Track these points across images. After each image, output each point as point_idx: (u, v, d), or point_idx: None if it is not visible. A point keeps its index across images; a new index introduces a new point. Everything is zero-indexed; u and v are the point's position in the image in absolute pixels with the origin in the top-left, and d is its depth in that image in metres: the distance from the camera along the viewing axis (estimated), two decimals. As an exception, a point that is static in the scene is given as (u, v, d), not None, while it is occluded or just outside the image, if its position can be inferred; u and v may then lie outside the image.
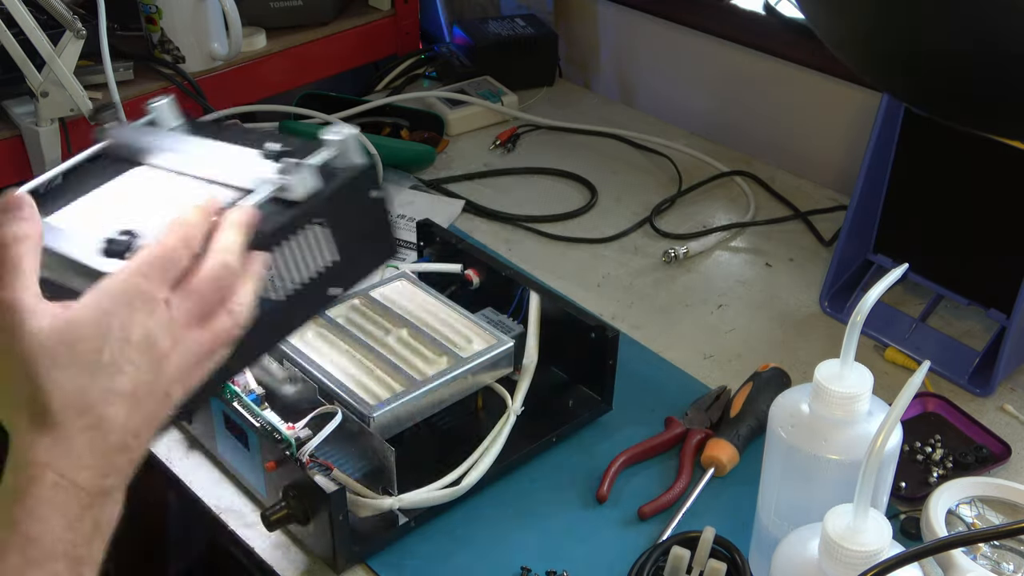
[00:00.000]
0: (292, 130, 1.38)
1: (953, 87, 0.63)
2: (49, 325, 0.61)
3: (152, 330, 0.64)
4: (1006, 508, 0.83)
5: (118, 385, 0.62)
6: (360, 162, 0.78)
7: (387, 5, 1.57)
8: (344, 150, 0.77)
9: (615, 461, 0.94)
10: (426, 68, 1.62)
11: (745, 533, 0.85)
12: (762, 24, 1.45)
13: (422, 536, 0.89)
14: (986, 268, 1.06)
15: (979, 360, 1.05)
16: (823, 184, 1.38)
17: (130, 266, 0.64)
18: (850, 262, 1.15)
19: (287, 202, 0.75)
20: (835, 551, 0.64)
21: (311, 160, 0.76)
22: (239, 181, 0.78)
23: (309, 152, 0.77)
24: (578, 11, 1.65)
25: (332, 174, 0.77)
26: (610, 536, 0.89)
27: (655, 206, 1.33)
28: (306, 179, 0.76)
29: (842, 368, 0.73)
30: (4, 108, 1.27)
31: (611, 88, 1.64)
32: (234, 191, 0.77)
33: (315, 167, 0.76)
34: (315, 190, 0.76)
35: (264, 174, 0.76)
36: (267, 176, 0.75)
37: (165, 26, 1.35)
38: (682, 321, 1.15)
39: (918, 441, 0.96)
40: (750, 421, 0.96)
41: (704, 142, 1.47)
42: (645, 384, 1.04)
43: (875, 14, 0.62)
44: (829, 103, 1.37)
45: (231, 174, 0.79)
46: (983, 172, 1.04)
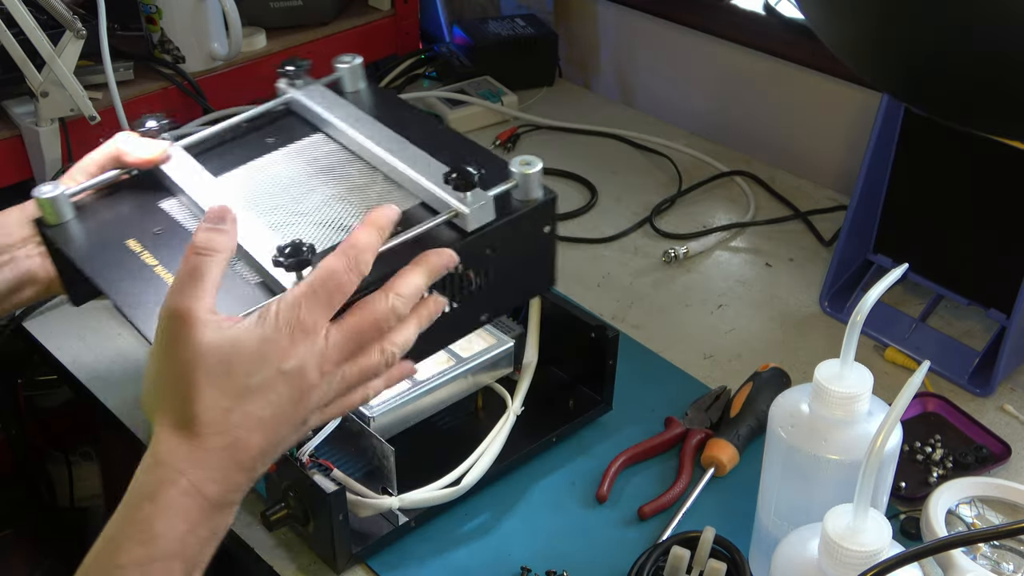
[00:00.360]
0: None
1: (953, 87, 0.63)
2: (214, 340, 0.64)
3: (305, 361, 0.66)
4: (1006, 508, 0.83)
5: (259, 411, 0.65)
6: (540, 197, 0.78)
7: (387, 5, 1.57)
8: (526, 184, 0.77)
9: (615, 461, 0.94)
10: (426, 68, 1.62)
11: (745, 533, 0.85)
12: (762, 24, 1.45)
13: (422, 536, 0.89)
14: (986, 268, 1.06)
15: (979, 360, 1.05)
16: (823, 184, 1.38)
17: (297, 292, 0.67)
18: (850, 262, 1.15)
19: (460, 229, 0.75)
20: (835, 551, 0.64)
21: (492, 192, 0.76)
22: (417, 191, 0.79)
23: (493, 175, 0.76)
24: (578, 11, 1.65)
25: (509, 207, 0.77)
26: (610, 536, 0.89)
27: (655, 206, 1.33)
28: (484, 211, 0.75)
29: (842, 368, 0.73)
30: (4, 108, 1.27)
31: (611, 88, 1.64)
32: (411, 199, 0.79)
33: (494, 199, 0.75)
34: (490, 222, 0.76)
35: (445, 197, 0.76)
36: (447, 200, 0.76)
37: (165, 26, 1.35)
38: (682, 321, 1.15)
39: (918, 441, 0.96)
40: (750, 421, 0.96)
41: (704, 142, 1.47)
42: (645, 384, 1.04)
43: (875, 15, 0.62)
44: (829, 103, 1.36)
45: (410, 181, 0.80)
46: (983, 172, 1.04)
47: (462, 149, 0.84)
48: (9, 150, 1.25)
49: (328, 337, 0.67)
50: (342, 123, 0.86)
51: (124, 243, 0.80)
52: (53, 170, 1.23)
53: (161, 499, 0.63)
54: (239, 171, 0.86)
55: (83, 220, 0.82)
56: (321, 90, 0.92)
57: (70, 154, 1.25)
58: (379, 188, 0.81)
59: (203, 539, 0.64)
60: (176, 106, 1.37)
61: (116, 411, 1.01)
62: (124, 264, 0.78)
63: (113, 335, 1.10)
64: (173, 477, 0.63)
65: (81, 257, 0.79)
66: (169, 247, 0.79)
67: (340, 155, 0.86)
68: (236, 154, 0.88)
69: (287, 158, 0.87)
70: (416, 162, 0.80)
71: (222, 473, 0.64)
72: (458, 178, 0.74)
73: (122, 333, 1.10)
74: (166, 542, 0.62)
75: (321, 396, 0.68)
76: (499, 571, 0.86)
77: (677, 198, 1.35)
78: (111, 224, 0.82)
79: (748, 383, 0.99)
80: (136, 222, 0.82)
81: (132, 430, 0.99)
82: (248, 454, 0.65)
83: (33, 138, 1.23)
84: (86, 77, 1.25)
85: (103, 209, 0.83)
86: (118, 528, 0.63)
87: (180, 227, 0.81)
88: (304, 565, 0.86)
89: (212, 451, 0.64)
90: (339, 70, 0.92)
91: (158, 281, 0.75)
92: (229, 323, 0.65)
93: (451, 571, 0.86)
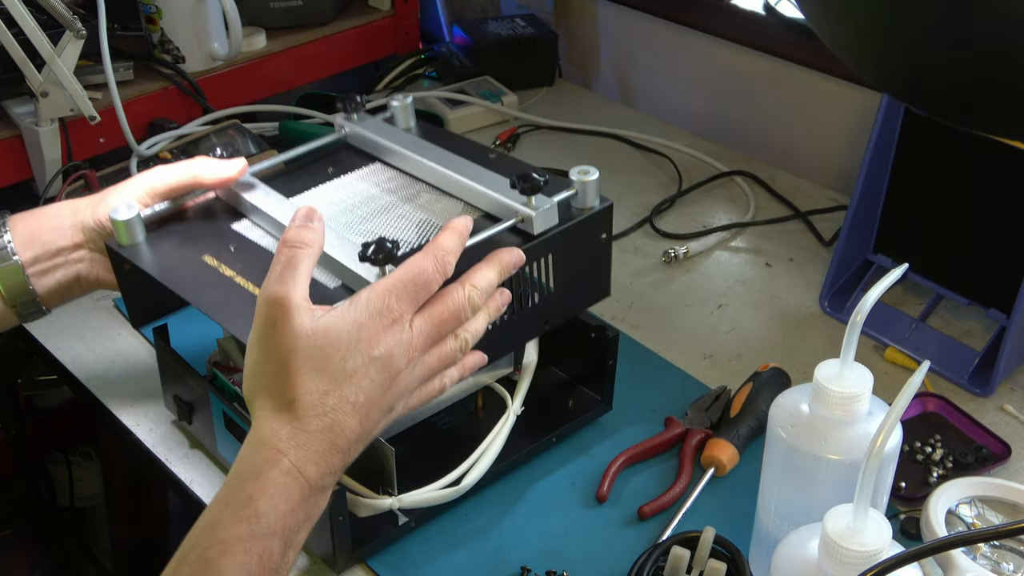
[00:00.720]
0: (292, 130, 1.38)
1: (953, 87, 0.63)
2: (310, 326, 0.68)
3: (393, 348, 0.70)
4: (1006, 508, 0.83)
5: (353, 396, 0.68)
6: (597, 205, 0.83)
7: (387, 5, 1.57)
8: (584, 191, 0.83)
9: (615, 461, 0.94)
10: (426, 68, 1.62)
11: (745, 533, 0.85)
12: (762, 24, 1.45)
13: (422, 536, 0.89)
14: (986, 268, 1.06)
15: (979, 360, 1.05)
16: (823, 184, 1.38)
17: (387, 283, 0.71)
18: (850, 262, 1.15)
19: (525, 233, 0.81)
20: (835, 551, 0.64)
21: (555, 198, 0.81)
22: (482, 202, 0.85)
23: (554, 185, 0.82)
24: (578, 11, 1.65)
25: (570, 213, 0.83)
26: (610, 536, 0.89)
27: (655, 206, 1.33)
28: (548, 215, 0.81)
29: (842, 368, 0.73)
30: (4, 108, 1.27)
31: (611, 88, 1.64)
32: (475, 212, 0.85)
33: (556, 205, 0.81)
34: (553, 227, 0.81)
35: (510, 203, 0.81)
36: (513, 206, 0.81)
37: (165, 26, 1.35)
38: (682, 321, 1.15)
39: (918, 441, 0.96)
40: (750, 421, 0.96)
41: (704, 142, 1.47)
42: (645, 384, 1.04)
43: (875, 14, 0.62)
44: (829, 103, 1.37)
45: (475, 194, 0.85)
46: (983, 172, 1.04)
47: (518, 167, 0.89)
48: (9, 150, 1.25)
49: (413, 326, 0.71)
50: (401, 148, 0.92)
51: (201, 259, 0.84)
52: (53, 170, 1.23)
53: (264, 478, 0.65)
54: (307, 194, 0.91)
55: (155, 240, 0.87)
56: (376, 123, 0.97)
57: (70, 154, 1.25)
58: (443, 203, 0.87)
59: (300, 521, 0.66)
60: (176, 106, 1.37)
61: (116, 411, 1.01)
62: (204, 277, 0.82)
63: (113, 335, 1.10)
64: (275, 458, 0.66)
65: (160, 272, 0.83)
66: (244, 261, 0.83)
67: (401, 179, 0.92)
68: (300, 182, 0.93)
69: (351, 183, 0.92)
70: (479, 176, 0.86)
71: (320, 455, 0.67)
72: (524, 183, 0.79)
73: (122, 333, 1.11)
74: (268, 520, 0.64)
75: (407, 383, 0.72)
76: (499, 571, 0.86)
77: (677, 198, 1.35)
78: (185, 243, 0.86)
79: (748, 383, 0.99)
80: (210, 241, 0.86)
81: (132, 430, 0.99)
82: (345, 437, 0.68)
83: (33, 138, 1.23)
84: (86, 77, 1.25)
85: (174, 231, 0.88)
86: (221, 506, 0.65)
87: (254, 245, 0.86)
88: (304, 565, 0.86)
89: (312, 433, 0.67)
90: (392, 108, 0.98)
91: (240, 289, 0.80)
92: (322, 311, 0.69)
93: (451, 571, 0.86)
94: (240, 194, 0.89)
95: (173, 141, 1.28)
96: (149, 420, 1.00)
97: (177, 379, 0.94)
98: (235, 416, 0.87)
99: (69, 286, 0.91)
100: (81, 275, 0.90)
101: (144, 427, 0.99)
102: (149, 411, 1.01)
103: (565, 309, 0.87)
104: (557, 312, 0.86)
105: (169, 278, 0.82)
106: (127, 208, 0.85)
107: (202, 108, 1.37)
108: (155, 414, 1.00)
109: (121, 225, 0.85)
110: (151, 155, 1.25)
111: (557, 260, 0.83)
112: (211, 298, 0.80)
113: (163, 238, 0.87)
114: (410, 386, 0.73)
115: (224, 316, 0.78)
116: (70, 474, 1.52)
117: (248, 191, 0.89)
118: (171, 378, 0.96)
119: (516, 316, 0.82)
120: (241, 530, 0.64)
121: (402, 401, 0.73)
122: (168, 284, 0.82)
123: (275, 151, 1.29)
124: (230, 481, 0.67)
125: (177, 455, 0.96)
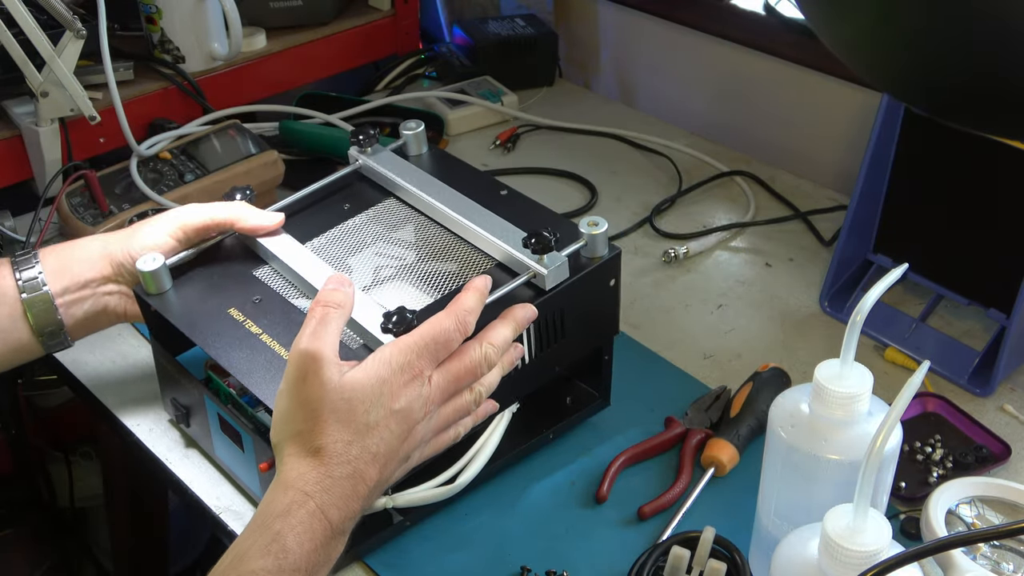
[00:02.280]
0: (292, 130, 1.38)
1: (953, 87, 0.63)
2: (338, 380, 0.73)
3: (412, 402, 0.75)
4: (1006, 508, 0.83)
5: (375, 447, 0.73)
6: (606, 254, 0.87)
7: (387, 5, 1.57)
8: (594, 242, 0.86)
9: (615, 461, 0.94)
10: (426, 68, 1.62)
11: (745, 533, 0.85)
12: (762, 24, 1.45)
13: (422, 535, 0.89)
14: (986, 268, 1.06)
15: (979, 360, 1.05)
16: (823, 184, 1.38)
17: (410, 340, 0.75)
18: (850, 262, 1.15)
19: (537, 288, 0.85)
20: (835, 551, 0.64)
21: (565, 252, 0.85)
22: (496, 252, 0.88)
23: (565, 237, 0.86)
24: (578, 11, 1.65)
25: (580, 263, 0.86)
26: (610, 536, 0.89)
27: (655, 206, 1.33)
28: (559, 272, 0.84)
29: (842, 368, 0.73)
30: (4, 108, 1.27)
31: (611, 88, 1.64)
32: (489, 260, 0.88)
33: (567, 259, 0.85)
34: (564, 280, 0.85)
35: (523, 259, 0.85)
36: (525, 262, 0.85)
37: (165, 26, 1.35)
38: (682, 321, 1.15)
39: (918, 441, 0.96)
40: (750, 421, 0.96)
41: (704, 142, 1.47)
42: (645, 384, 1.04)
43: (875, 14, 0.62)
44: (829, 103, 1.36)
45: (489, 244, 0.89)
46: (983, 172, 1.04)
47: (530, 211, 0.93)
48: (9, 150, 1.25)
49: (432, 381, 0.76)
50: (415, 188, 0.95)
51: (227, 312, 0.87)
52: (53, 170, 1.23)
53: (292, 517, 0.69)
54: (323, 238, 0.94)
55: (181, 288, 0.89)
56: (390, 156, 1.00)
57: (70, 154, 1.25)
58: (460, 250, 0.91)
59: (321, 561, 0.70)
60: (176, 106, 1.37)
61: (116, 411, 1.01)
62: (230, 332, 0.85)
63: (113, 335, 1.10)
64: (302, 499, 0.70)
65: (187, 326, 0.86)
66: (268, 317, 0.86)
67: (416, 220, 0.95)
68: (316, 220, 0.96)
69: (366, 224, 0.95)
70: (493, 226, 0.89)
71: (343, 500, 0.71)
72: (536, 243, 0.82)
73: (122, 333, 1.10)
74: (295, 557, 0.68)
75: (423, 434, 0.77)
76: (499, 571, 0.86)
77: (677, 198, 1.35)
78: (210, 293, 0.89)
79: (748, 383, 0.99)
80: (234, 291, 0.89)
81: (132, 430, 0.99)
82: (365, 484, 0.73)
83: (33, 138, 1.23)
84: (86, 77, 1.25)
85: (199, 277, 0.91)
86: (250, 541, 0.69)
87: (278, 296, 0.88)
88: (304, 565, 0.86)
89: (336, 479, 0.71)
90: (405, 136, 1.00)
91: (266, 349, 0.83)
92: (348, 366, 0.74)
93: (451, 570, 0.86)
94: (260, 241, 0.92)
95: (173, 141, 1.28)
96: (149, 420, 1.00)
97: (174, 382, 0.94)
98: (230, 419, 0.87)
99: (96, 317, 0.93)
100: (109, 307, 0.93)
101: (144, 427, 0.99)
102: (149, 411, 1.01)
103: (575, 352, 0.90)
104: (567, 356, 0.90)
105: (197, 333, 0.85)
106: (152, 260, 0.88)
107: (202, 108, 1.37)
108: (155, 414, 1.00)
109: (148, 276, 0.88)
110: (151, 155, 1.25)
111: (568, 310, 0.87)
112: (238, 358, 0.83)
113: (188, 285, 0.90)
114: (425, 437, 0.78)
115: (252, 380, 0.81)
116: (70, 474, 1.52)
117: (269, 237, 0.92)
118: (168, 381, 0.96)
119: (530, 365, 0.86)
120: (269, 563, 0.68)
121: (418, 451, 0.78)
122: (196, 340, 0.85)
123: (275, 151, 1.29)
124: (258, 518, 0.71)
125: (177, 455, 0.96)
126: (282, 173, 1.30)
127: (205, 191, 1.23)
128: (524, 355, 0.84)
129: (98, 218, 1.18)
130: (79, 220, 1.17)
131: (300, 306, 0.87)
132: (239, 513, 0.90)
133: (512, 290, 0.84)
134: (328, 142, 1.36)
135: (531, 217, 0.90)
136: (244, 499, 0.92)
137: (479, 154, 1.45)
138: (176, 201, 1.19)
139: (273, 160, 1.28)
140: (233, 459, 0.91)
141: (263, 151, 1.28)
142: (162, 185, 1.22)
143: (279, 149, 1.31)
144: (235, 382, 0.90)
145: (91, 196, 1.19)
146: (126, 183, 1.22)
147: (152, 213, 1.16)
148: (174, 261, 0.90)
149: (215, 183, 1.23)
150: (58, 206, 1.18)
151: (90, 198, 1.19)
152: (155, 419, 1.00)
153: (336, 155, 1.36)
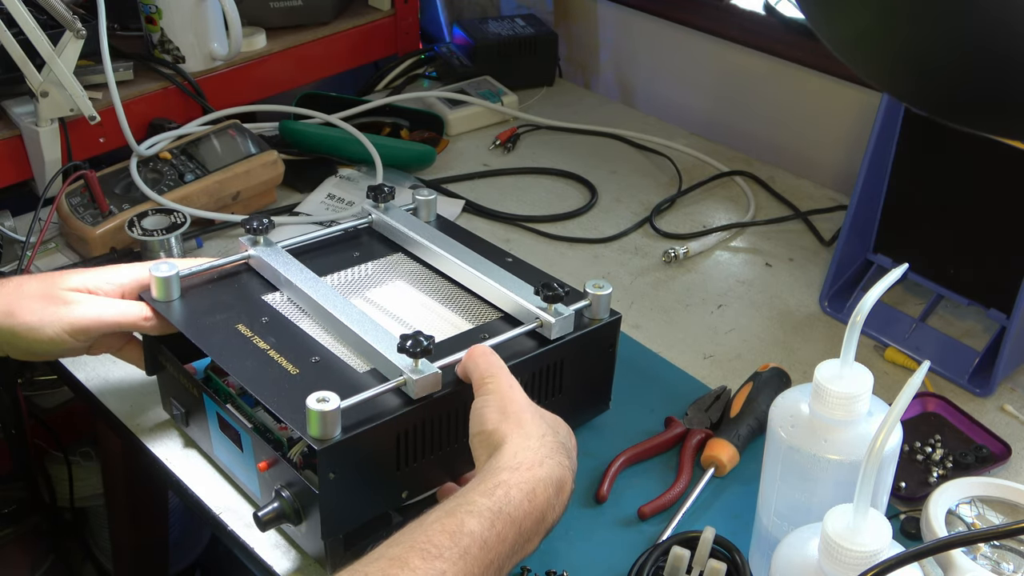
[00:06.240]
0: (292, 130, 1.38)
1: (953, 87, 0.62)
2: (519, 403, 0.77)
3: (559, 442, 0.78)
4: (1006, 508, 0.83)
5: (548, 474, 0.75)
6: (608, 317, 0.90)
7: (387, 5, 1.57)
8: (597, 304, 0.90)
9: (615, 461, 0.94)
10: (426, 68, 1.62)
11: (745, 533, 0.85)
12: (762, 24, 1.45)
13: (422, 536, 0.88)
14: (986, 268, 1.06)
15: (979, 360, 1.05)
16: (823, 184, 1.38)
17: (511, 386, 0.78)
18: (850, 262, 1.15)
19: (542, 337, 0.87)
20: (835, 551, 0.64)
21: (572, 307, 0.88)
22: (502, 303, 0.91)
23: (570, 296, 0.89)
24: (578, 11, 1.65)
25: (583, 323, 0.89)
26: (610, 536, 0.89)
27: (655, 206, 1.33)
28: (566, 323, 0.87)
29: (842, 368, 0.73)
30: (4, 108, 1.27)
31: (611, 88, 1.64)
32: (492, 312, 0.91)
33: (573, 314, 0.88)
34: (568, 333, 0.88)
35: (531, 308, 0.88)
36: (534, 311, 0.88)
37: (165, 26, 1.35)
38: (682, 321, 1.15)
39: (918, 441, 0.96)
40: (750, 421, 0.96)
41: (704, 142, 1.47)
42: (645, 384, 1.04)
43: (874, 14, 0.62)
44: (829, 103, 1.37)
45: (496, 294, 0.92)
46: (983, 172, 1.04)
47: (535, 273, 0.96)
48: (9, 150, 1.25)
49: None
50: (426, 241, 0.98)
51: (235, 327, 0.88)
52: (53, 170, 1.23)
53: (518, 474, 0.73)
54: (336, 276, 0.96)
55: (190, 300, 0.91)
56: (403, 213, 1.03)
57: (70, 154, 1.25)
58: (464, 300, 0.94)
59: (506, 567, 0.73)
60: (176, 106, 1.37)
61: (116, 411, 1.01)
62: (238, 344, 0.86)
63: (113, 335, 1.10)
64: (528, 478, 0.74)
65: (195, 334, 0.87)
66: (276, 335, 0.87)
67: (422, 271, 0.99)
68: (326, 262, 0.98)
69: (376, 272, 0.98)
70: (502, 279, 0.92)
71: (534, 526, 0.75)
72: (548, 292, 0.86)
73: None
74: (502, 548, 0.71)
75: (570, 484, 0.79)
76: (499, 571, 0.86)
77: (677, 198, 1.35)
78: (218, 308, 0.90)
79: (748, 383, 0.99)
80: (243, 309, 0.90)
81: (132, 430, 0.99)
82: (545, 527, 0.77)
83: (33, 138, 1.23)
84: (86, 77, 1.25)
85: (207, 294, 0.92)
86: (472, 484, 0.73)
87: (286, 320, 0.89)
88: (304, 564, 0.86)
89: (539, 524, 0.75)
90: (417, 201, 1.04)
91: (274, 364, 0.83)
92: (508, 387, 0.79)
93: (451, 571, 0.86)
94: (274, 266, 0.93)
95: (173, 141, 1.28)
96: (149, 420, 1.00)
97: (173, 382, 0.94)
98: (228, 417, 0.87)
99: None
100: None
101: (144, 427, 0.99)
102: (149, 411, 1.00)
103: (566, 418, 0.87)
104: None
105: (204, 342, 0.86)
106: (168, 266, 0.89)
107: (202, 108, 1.37)
108: (155, 414, 1.00)
109: (160, 282, 0.89)
110: (151, 155, 1.25)
111: (567, 365, 0.89)
112: (246, 368, 0.83)
113: (197, 297, 0.91)
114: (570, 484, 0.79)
115: (259, 389, 0.81)
116: (70, 474, 1.52)
117: (282, 264, 0.93)
118: (167, 381, 0.96)
119: None
120: (476, 552, 0.69)
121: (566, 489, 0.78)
122: (203, 347, 0.86)
123: (275, 151, 1.29)
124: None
125: (176, 455, 0.96)
126: (282, 173, 1.30)
127: (205, 191, 1.23)
128: None
129: (98, 218, 1.18)
130: (79, 220, 1.17)
131: (309, 331, 0.88)
132: (239, 513, 0.90)
133: (516, 336, 0.86)
134: (328, 142, 1.36)
135: (536, 278, 0.93)
136: (244, 499, 0.91)
137: (479, 154, 1.45)
138: (176, 201, 1.19)
139: (273, 160, 1.28)
140: (232, 459, 0.91)
141: (263, 151, 1.28)
142: (162, 185, 1.22)
143: (279, 149, 1.32)
144: (234, 382, 0.90)
145: (91, 196, 1.19)
146: (126, 183, 1.22)
147: (152, 213, 1.16)
148: (186, 273, 0.92)
149: (215, 183, 1.24)
150: (58, 206, 1.18)
151: (90, 198, 1.19)
152: (155, 419, 1.00)
153: (336, 155, 1.36)
